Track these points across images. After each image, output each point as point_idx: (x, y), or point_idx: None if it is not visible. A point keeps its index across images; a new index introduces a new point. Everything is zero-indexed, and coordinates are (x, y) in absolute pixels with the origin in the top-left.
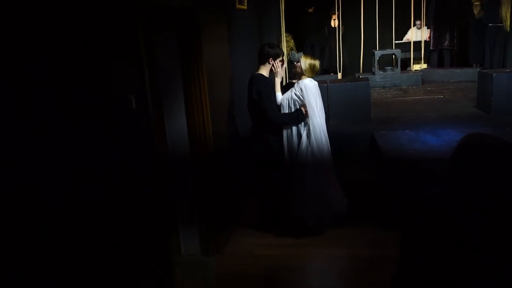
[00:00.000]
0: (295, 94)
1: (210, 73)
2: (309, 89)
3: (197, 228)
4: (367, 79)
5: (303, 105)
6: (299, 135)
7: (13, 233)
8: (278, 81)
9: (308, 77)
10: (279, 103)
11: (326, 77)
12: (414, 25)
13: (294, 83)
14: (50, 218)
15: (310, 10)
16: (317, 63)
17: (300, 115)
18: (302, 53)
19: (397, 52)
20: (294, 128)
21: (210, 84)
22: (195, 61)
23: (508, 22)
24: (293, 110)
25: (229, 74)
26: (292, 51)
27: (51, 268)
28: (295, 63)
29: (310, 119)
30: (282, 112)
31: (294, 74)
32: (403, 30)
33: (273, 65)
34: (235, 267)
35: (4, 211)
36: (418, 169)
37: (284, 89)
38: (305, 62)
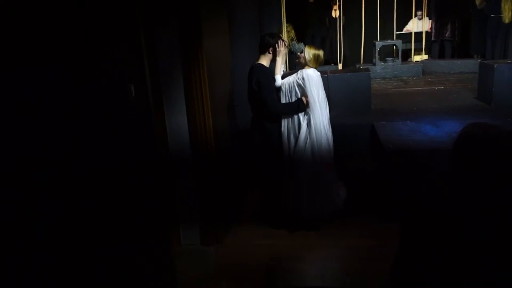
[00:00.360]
0: (297, 82)
1: (210, 64)
2: (311, 79)
3: (197, 218)
4: (367, 69)
5: (305, 95)
6: (299, 126)
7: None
8: (279, 60)
9: (312, 67)
10: (278, 86)
11: (326, 67)
12: (415, 15)
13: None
14: (49, 213)
15: (311, 1)
16: (321, 53)
17: (300, 105)
18: (303, 43)
19: (398, 43)
20: (295, 118)
21: (210, 76)
22: (195, 52)
23: (507, 13)
24: (293, 97)
25: (229, 65)
26: (293, 42)
27: (51, 258)
28: (298, 53)
29: (311, 111)
30: (281, 97)
31: (295, 65)
32: (404, 20)
33: (276, 44)
34: (235, 257)
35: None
36: (418, 160)
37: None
38: (309, 53)
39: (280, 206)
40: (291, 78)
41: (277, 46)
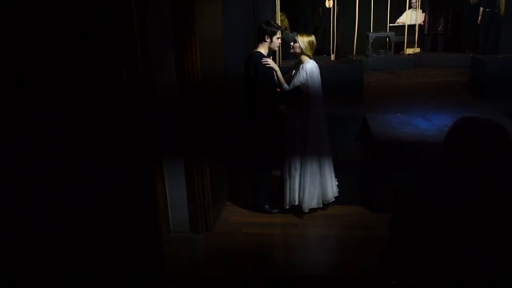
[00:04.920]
0: (301, 79)
1: (203, 47)
2: (313, 74)
3: (187, 206)
4: (360, 61)
5: (302, 86)
6: (299, 117)
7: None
8: (279, 73)
9: (308, 55)
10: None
11: (319, 58)
12: (410, 7)
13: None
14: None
15: None
16: (313, 38)
17: (298, 94)
18: (295, 33)
19: (391, 35)
20: (296, 109)
21: (202, 55)
22: (188, 33)
23: (504, 7)
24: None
25: (222, 49)
26: (286, 31)
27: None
28: (291, 44)
29: (313, 103)
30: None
31: (288, 55)
32: (398, 13)
33: (269, 36)
34: (224, 244)
35: None
36: (408, 153)
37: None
38: (303, 41)
39: (277, 197)
40: (295, 78)
41: (267, 38)
